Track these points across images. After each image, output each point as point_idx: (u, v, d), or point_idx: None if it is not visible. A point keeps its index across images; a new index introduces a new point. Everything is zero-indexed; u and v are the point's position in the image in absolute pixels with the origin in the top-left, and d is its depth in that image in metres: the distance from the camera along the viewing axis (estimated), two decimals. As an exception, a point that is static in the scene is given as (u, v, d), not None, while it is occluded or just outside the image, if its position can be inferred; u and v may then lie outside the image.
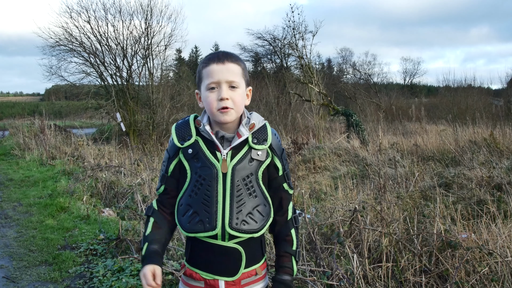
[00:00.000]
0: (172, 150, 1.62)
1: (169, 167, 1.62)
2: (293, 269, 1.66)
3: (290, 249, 1.67)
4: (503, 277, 2.95)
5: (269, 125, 1.66)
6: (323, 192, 6.16)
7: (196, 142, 1.58)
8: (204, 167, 1.55)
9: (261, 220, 1.59)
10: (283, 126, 14.95)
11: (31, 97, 50.86)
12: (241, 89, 1.58)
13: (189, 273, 1.63)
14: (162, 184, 1.64)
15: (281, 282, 1.63)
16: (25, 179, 8.36)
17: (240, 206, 1.55)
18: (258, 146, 1.59)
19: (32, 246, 4.62)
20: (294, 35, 15.32)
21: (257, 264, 1.64)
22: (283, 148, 1.69)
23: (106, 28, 16.31)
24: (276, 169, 1.64)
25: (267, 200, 1.62)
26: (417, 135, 11.56)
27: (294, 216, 1.71)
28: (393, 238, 3.28)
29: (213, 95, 1.54)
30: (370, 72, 33.02)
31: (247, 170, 1.57)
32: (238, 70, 1.58)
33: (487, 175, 5.56)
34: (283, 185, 1.66)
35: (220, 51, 1.62)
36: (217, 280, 1.58)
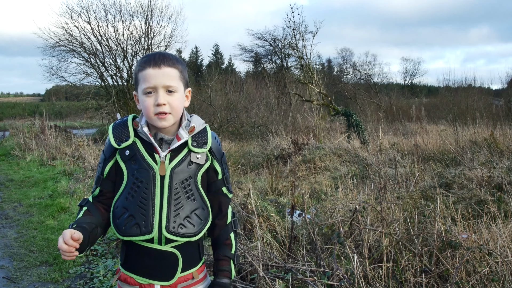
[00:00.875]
0: (108, 151, 1.58)
1: (105, 169, 1.58)
2: (231, 272, 1.65)
3: (229, 253, 1.66)
4: (504, 277, 2.95)
5: (210, 129, 1.66)
6: (324, 192, 6.16)
7: (133, 144, 1.55)
8: (142, 169, 1.52)
9: (199, 224, 1.57)
10: (283, 126, 14.94)
11: (32, 98, 50.90)
12: (179, 92, 1.55)
13: (124, 278, 1.60)
14: (98, 187, 1.60)
15: (220, 285, 1.62)
16: (26, 180, 8.37)
17: (177, 209, 1.53)
18: (198, 149, 1.57)
19: (33, 247, 4.63)
20: (294, 36, 15.34)
21: (194, 268, 1.62)
22: (223, 152, 1.68)
23: (107, 28, 16.36)
24: (216, 173, 1.63)
25: (205, 204, 1.60)
26: (418, 135, 11.56)
27: (233, 220, 1.70)
28: (394, 238, 3.27)
29: (150, 100, 1.51)
30: (370, 72, 33.06)
31: (186, 173, 1.55)
32: (175, 73, 1.54)
33: (488, 175, 5.56)
34: (222, 189, 1.65)
35: (156, 53, 1.57)
36: (152, 284, 1.56)
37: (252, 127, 16.53)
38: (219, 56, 41.92)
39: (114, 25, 16.33)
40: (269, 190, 6.32)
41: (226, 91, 19.34)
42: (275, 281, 3.03)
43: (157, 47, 17.02)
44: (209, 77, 19.52)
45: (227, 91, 19.31)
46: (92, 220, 1.56)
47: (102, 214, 1.60)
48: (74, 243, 1.42)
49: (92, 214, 1.58)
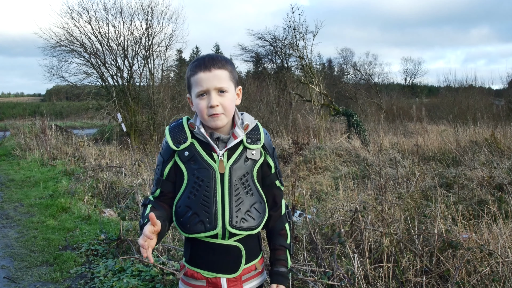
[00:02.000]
0: (166, 154, 1.64)
1: (164, 171, 1.64)
2: (287, 262, 1.72)
3: (285, 243, 1.73)
4: (504, 277, 2.95)
5: (261, 124, 1.72)
6: (324, 193, 6.16)
7: (192, 145, 1.61)
8: (202, 169, 1.58)
9: (258, 217, 1.64)
10: (284, 126, 14.94)
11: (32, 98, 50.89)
12: (230, 92, 1.61)
13: (191, 273, 1.65)
14: (158, 188, 1.65)
15: (279, 274, 1.69)
16: (26, 180, 8.37)
17: (238, 204, 1.59)
18: (253, 146, 1.63)
19: (33, 247, 4.63)
20: (295, 36, 15.34)
21: (256, 260, 1.69)
22: (274, 147, 1.75)
23: (107, 28, 16.33)
24: (269, 167, 1.70)
25: (262, 198, 1.66)
26: (418, 135, 11.55)
27: (287, 211, 1.77)
28: (394, 238, 3.27)
29: (203, 102, 1.58)
30: (371, 72, 33.04)
31: (243, 169, 1.61)
32: (226, 74, 1.60)
33: (488, 175, 5.56)
34: (276, 182, 1.72)
35: (206, 56, 1.63)
36: (219, 278, 1.62)
37: (253, 127, 16.48)
38: (220, 56, 41.88)
39: (114, 25, 16.32)
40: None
41: (226, 91, 19.27)
42: (276, 281, 3.03)
43: (158, 47, 17.01)
44: (210, 77, 19.40)
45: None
46: (160, 214, 1.59)
47: (166, 211, 1.65)
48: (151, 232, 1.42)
49: (158, 209, 1.63)
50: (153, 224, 1.42)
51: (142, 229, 1.52)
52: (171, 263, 3.58)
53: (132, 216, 5.33)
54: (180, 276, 1.71)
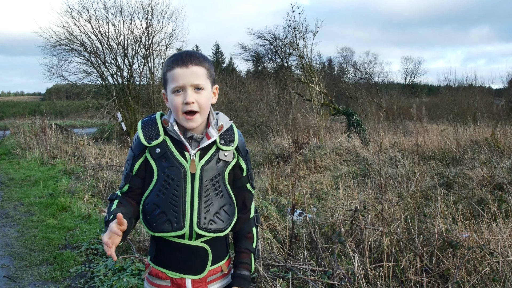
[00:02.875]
0: (137, 149, 1.60)
1: (134, 166, 1.60)
2: (251, 265, 1.68)
3: (250, 246, 1.69)
4: (504, 276, 2.94)
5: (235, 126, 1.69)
6: (324, 192, 6.16)
7: (164, 142, 1.58)
8: (172, 167, 1.55)
9: (227, 220, 1.62)
10: (284, 125, 14.93)
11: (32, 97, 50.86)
12: (207, 90, 1.58)
13: (155, 273, 1.63)
14: (126, 183, 1.62)
15: (240, 277, 1.65)
16: (26, 179, 8.37)
17: (208, 206, 1.57)
18: (226, 147, 1.61)
19: (33, 246, 4.63)
20: (295, 35, 15.33)
21: (222, 261, 1.67)
22: (247, 149, 1.72)
23: (107, 27, 16.35)
24: (241, 170, 1.67)
25: (232, 200, 1.64)
26: (418, 135, 11.54)
27: (256, 215, 1.74)
28: (394, 238, 3.27)
29: (179, 99, 1.54)
30: (371, 71, 33.04)
31: (215, 170, 1.59)
32: (203, 72, 1.56)
33: (488, 174, 5.55)
34: (247, 185, 1.70)
35: (184, 52, 1.60)
36: (183, 278, 1.60)
37: (253, 126, 16.53)
38: (220, 55, 41.86)
39: (114, 24, 16.33)
40: (270, 190, 6.32)
41: (226, 90, 19.32)
42: (276, 281, 3.03)
43: (158, 46, 17.03)
44: (210, 76, 19.42)
45: (227, 90, 19.30)
46: (126, 211, 1.57)
47: (133, 207, 1.62)
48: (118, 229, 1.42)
49: (125, 205, 1.60)
50: (119, 224, 1.40)
51: (107, 225, 1.49)
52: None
53: (132, 215, 5.33)
54: (145, 275, 1.68)
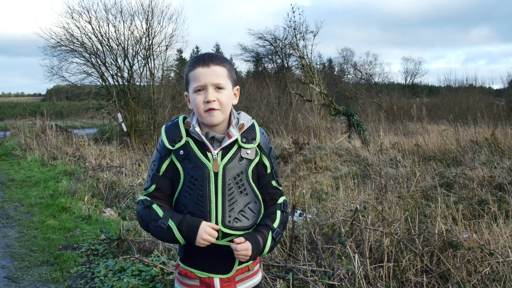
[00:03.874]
0: (163, 151, 1.63)
1: (161, 167, 1.63)
2: (266, 238, 1.62)
3: (270, 223, 1.65)
4: (505, 277, 2.94)
5: (258, 124, 1.71)
6: (324, 192, 6.16)
7: (187, 143, 1.61)
8: (196, 168, 1.58)
9: (253, 217, 1.63)
10: (284, 126, 14.93)
11: (33, 98, 50.88)
12: (228, 90, 1.61)
13: (184, 273, 1.65)
14: (153, 183, 1.63)
15: (251, 235, 1.59)
16: (27, 180, 8.37)
17: (232, 204, 1.58)
18: (247, 145, 1.62)
19: (34, 246, 4.63)
20: (295, 35, 15.34)
21: (250, 261, 1.65)
22: (271, 146, 1.73)
23: (107, 28, 16.34)
24: (265, 167, 1.68)
25: (257, 197, 1.65)
26: (418, 135, 11.54)
27: (284, 201, 1.73)
28: (395, 238, 3.27)
29: (200, 98, 1.58)
30: (371, 72, 33.02)
31: (238, 168, 1.61)
32: (224, 72, 1.60)
33: (489, 175, 5.55)
34: (272, 182, 1.70)
35: (206, 53, 1.64)
36: (212, 278, 1.62)
37: (253, 126, 16.49)
38: (220, 56, 41.84)
39: (115, 25, 16.31)
40: (270, 190, 6.30)
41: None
42: (276, 281, 3.03)
43: (158, 46, 17.02)
44: (210, 76, 19.42)
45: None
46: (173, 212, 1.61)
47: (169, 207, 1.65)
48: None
49: (167, 208, 1.63)
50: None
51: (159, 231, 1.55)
52: (171, 263, 3.58)
53: (133, 216, 5.32)
54: (175, 275, 1.71)
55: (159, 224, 1.56)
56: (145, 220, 1.60)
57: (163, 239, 1.61)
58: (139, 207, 1.64)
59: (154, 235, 1.62)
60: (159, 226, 1.56)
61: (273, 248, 1.66)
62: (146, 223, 1.60)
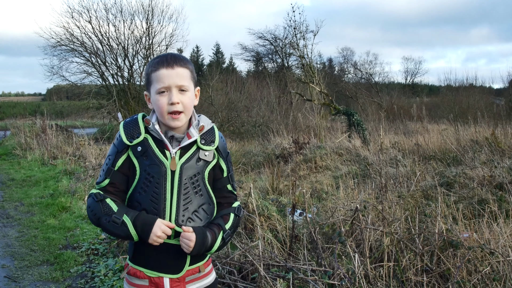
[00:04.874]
0: (120, 146, 1.62)
1: (117, 161, 1.61)
2: (216, 236, 1.62)
3: (223, 224, 1.66)
4: (505, 276, 2.94)
5: (217, 128, 1.72)
6: (325, 192, 6.15)
7: (145, 140, 1.60)
8: (153, 165, 1.57)
9: (206, 219, 1.63)
10: (284, 125, 14.92)
11: (33, 97, 50.85)
12: (190, 92, 1.62)
13: (133, 272, 1.63)
14: (107, 178, 1.61)
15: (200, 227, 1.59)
16: (27, 179, 8.38)
17: (186, 203, 1.58)
18: (206, 147, 1.63)
19: (34, 246, 4.63)
20: (295, 35, 15.33)
21: (201, 262, 1.66)
22: (228, 151, 1.74)
23: (108, 28, 16.37)
24: (221, 171, 1.69)
25: (211, 199, 1.66)
26: (419, 135, 11.53)
27: (238, 206, 1.73)
28: (395, 238, 3.27)
29: (164, 99, 1.58)
30: (372, 71, 33.02)
31: (194, 169, 1.61)
32: (187, 73, 1.61)
33: (489, 174, 5.55)
34: (227, 186, 1.72)
35: (169, 54, 1.64)
36: (161, 277, 1.60)
37: (253, 126, 16.52)
38: (220, 56, 41.86)
39: (115, 24, 16.34)
40: (270, 190, 6.32)
41: (227, 90, 19.33)
42: (276, 281, 3.03)
43: (158, 46, 17.06)
44: (210, 76, 19.53)
45: (228, 91, 19.30)
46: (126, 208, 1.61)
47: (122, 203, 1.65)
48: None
49: (121, 203, 1.62)
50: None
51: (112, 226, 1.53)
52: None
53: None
54: (124, 275, 1.68)
55: (113, 218, 1.54)
56: (96, 214, 1.58)
57: (115, 235, 1.58)
58: (90, 201, 1.61)
59: (106, 230, 1.58)
60: (113, 220, 1.54)
61: (221, 248, 1.67)
62: (97, 217, 1.57)
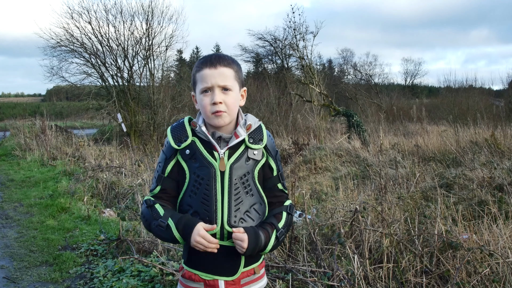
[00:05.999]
0: (169, 152, 1.62)
1: (166, 168, 1.61)
2: (270, 236, 1.59)
3: (276, 222, 1.63)
4: (504, 277, 2.94)
5: (264, 126, 1.69)
6: (324, 193, 6.15)
7: (193, 143, 1.59)
8: (202, 167, 1.56)
9: (258, 219, 1.61)
10: (284, 126, 14.93)
11: (33, 98, 50.84)
12: (235, 92, 1.60)
13: (188, 275, 1.62)
14: (158, 185, 1.62)
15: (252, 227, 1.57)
16: (26, 180, 8.37)
17: (238, 204, 1.56)
18: (254, 146, 1.61)
19: (33, 247, 4.62)
20: (295, 36, 15.34)
21: (256, 263, 1.64)
22: (277, 150, 1.72)
23: (107, 28, 16.33)
24: (271, 169, 1.67)
25: (263, 199, 1.64)
26: (418, 136, 11.53)
27: (290, 204, 1.71)
28: (394, 239, 3.27)
29: (207, 99, 1.57)
30: (371, 72, 33.04)
31: (244, 168, 1.59)
32: (231, 73, 1.59)
33: (488, 175, 5.55)
34: (278, 185, 1.69)
35: (213, 54, 1.63)
36: (216, 280, 1.58)
37: (253, 127, 16.48)
38: (220, 57, 41.81)
39: (115, 25, 16.30)
40: (270, 191, 6.30)
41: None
42: (276, 282, 3.03)
43: (158, 47, 17.01)
44: (210, 77, 19.45)
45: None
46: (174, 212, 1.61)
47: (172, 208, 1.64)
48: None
49: (170, 208, 1.62)
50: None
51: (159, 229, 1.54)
52: (170, 264, 3.57)
53: (132, 216, 5.32)
54: (179, 278, 1.68)
55: (159, 222, 1.55)
56: (147, 220, 1.59)
57: (163, 239, 1.59)
58: (143, 207, 1.64)
59: (156, 235, 1.60)
60: (159, 224, 1.55)
61: (276, 247, 1.64)
62: (148, 223, 1.59)
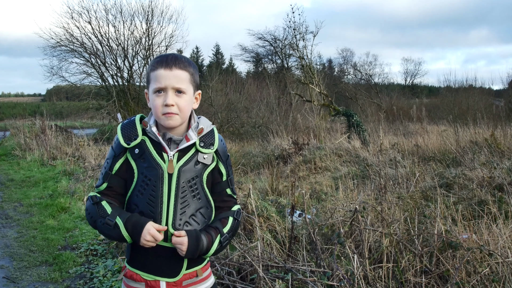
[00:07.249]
0: (118, 149, 1.60)
1: (114, 165, 1.60)
2: (213, 239, 1.59)
3: (220, 227, 1.63)
4: (504, 277, 2.94)
5: (217, 131, 1.69)
6: (324, 193, 6.15)
7: (142, 142, 1.58)
8: (150, 167, 1.55)
9: (203, 223, 1.61)
10: (284, 126, 14.92)
11: (32, 98, 50.85)
12: (188, 95, 1.59)
13: (130, 275, 1.62)
14: (105, 182, 1.60)
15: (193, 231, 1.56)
16: (26, 180, 8.37)
17: (184, 207, 1.56)
18: (205, 150, 1.60)
19: (33, 247, 4.62)
20: (295, 36, 15.34)
21: (199, 266, 1.64)
22: (228, 154, 1.71)
23: (107, 28, 16.40)
24: (220, 174, 1.66)
25: (209, 203, 1.63)
26: (418, 136, 11.53)
27: (238, 209, 1.70)
28: (394, 239, 3.27)
29: (159, 100, 1.55)
30: (371, 72, 33.07)
31: (193, 172, 1.58)
32: (186, 76, 1.57)
33: (488, 175, 5.55)
34: (227, 190, 1.68)
35: (170, 54, 1.61)
36: (158, 281, 1.58)
37: (253, 127, 16.53)
38: (220, 56, 41.88)
39: (115, 25, 16.35)
40: (270, 190, 6.31)
41: (226, 91, 19.33)
42: (275, 281, 3.03)
43: (158, 47, 17.07)
44: (210, 77, 19.55)
45: (227, 91, 19.31)
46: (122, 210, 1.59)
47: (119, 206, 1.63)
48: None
49: (117, 205, 1.60)
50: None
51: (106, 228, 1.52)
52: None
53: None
54: (122, 277, 1.67)
55: (106, 221, 1.53)
56: (93, 217, 1.57)
57: (110, 237, 1.57)
58: (88, 203, 1.60)
59: (102, 233, 1.58)
60: (106, 223, 1.53)
61: (219, 252, 1.63)
62: (94, 220, 1.56)
